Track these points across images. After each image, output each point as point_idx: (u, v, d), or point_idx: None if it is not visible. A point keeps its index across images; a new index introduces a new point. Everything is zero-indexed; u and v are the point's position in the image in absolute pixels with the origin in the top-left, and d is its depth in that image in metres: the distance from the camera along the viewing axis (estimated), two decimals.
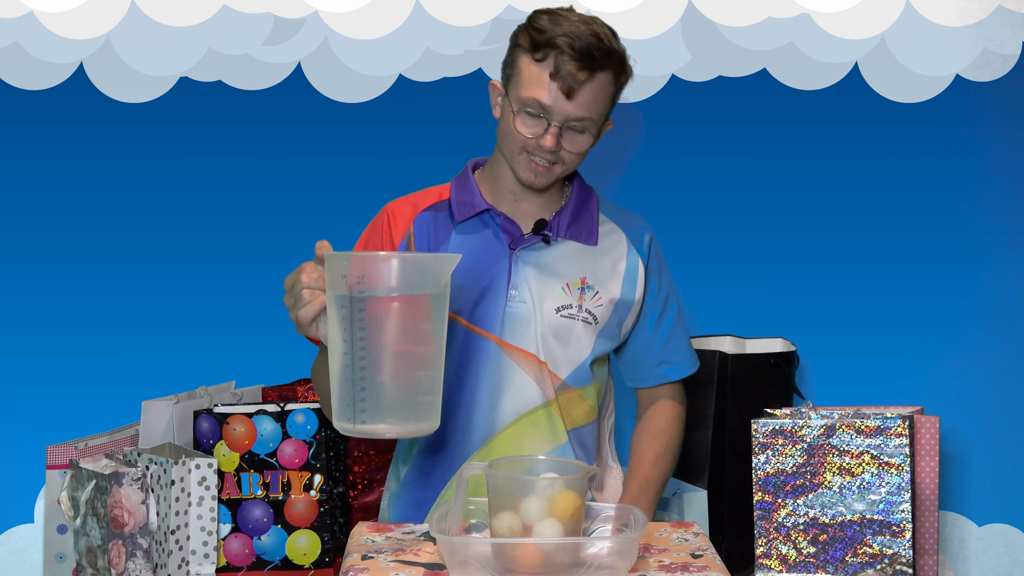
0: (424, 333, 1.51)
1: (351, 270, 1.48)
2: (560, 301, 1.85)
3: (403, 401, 1.50)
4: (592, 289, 1.87)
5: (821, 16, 2.45)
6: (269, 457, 2.03)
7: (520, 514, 1.46)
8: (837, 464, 1.57)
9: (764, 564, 1.58)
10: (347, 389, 1.49)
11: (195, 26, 2.41)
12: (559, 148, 1.79)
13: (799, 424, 1.58)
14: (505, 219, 1.86)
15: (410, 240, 1.87)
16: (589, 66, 1.74)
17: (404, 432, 1.54)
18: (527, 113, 1.77)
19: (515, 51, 1.81)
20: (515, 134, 1.79)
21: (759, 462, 1.59)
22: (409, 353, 1.50)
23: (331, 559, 2.05)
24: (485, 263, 1.85)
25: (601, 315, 1.88)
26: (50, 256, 2.42)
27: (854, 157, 2.48)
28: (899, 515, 1.55)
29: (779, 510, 1.58)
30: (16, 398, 2.40)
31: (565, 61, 1.73)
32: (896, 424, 1.56)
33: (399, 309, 1.49)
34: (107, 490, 1.82)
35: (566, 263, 1.87)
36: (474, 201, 1.88)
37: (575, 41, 1.73)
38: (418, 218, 1.89)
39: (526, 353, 1.84)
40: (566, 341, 1.85)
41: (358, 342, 1.48)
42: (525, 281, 1.85)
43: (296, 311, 1.57)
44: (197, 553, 1.87)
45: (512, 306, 1.84)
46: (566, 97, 1.75)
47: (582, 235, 1.89)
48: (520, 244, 1.86)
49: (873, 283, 2.47)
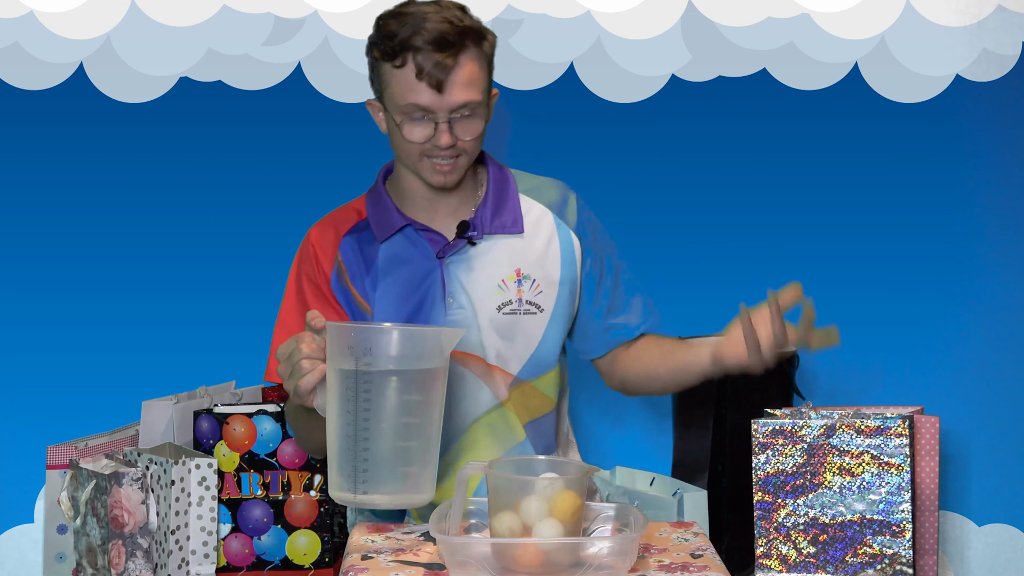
0: (427, 405, 1.53)
1: (358, 342, 1.48)
2: (500, 299, 1.82)
3: (404, 472, 1.52)
4: (529, 279, 1.84)
5: (821, 16, 2.45)
6: (269, 457, 2.03)
7: (520, 514, 1.46)
8: (837, 464, 1.57)
9: (764, 564, 1.58)
10: (348, 460, 1.50)
11: (195, 26, 2.41)
12: (455, 141, 1.75)
13: (799, 424, 1.58)
14: (427, 231, 1.83)
15: (341, 268, 1.84)
16: (449, 49, 1.69)
17: (403, 503, 1.57)
18: (411, 120, 1.74)
19: (375, 65, 1.77)
20: (407, 144, 1.75)
21: (759, 462, 1.59)
22: (412, 425, 1.52)
23: (331, 559, 2.05)
24: (417, 277, 1.82)
25: (545, 302, 1.84)
26: (50, 256, 2.42)
27: (854, 157, 2.48)
28: (899, 515, 1.55)
29: (779, 510, 1.58)
30: (16, 398, 2.40)
31: (424, 57, 1.69)
32: (896, 424, 1.56)
33: (406, 382, 1.50)
34: (107, 490, 1.82)
35: (497, 259, 1.83)
36: (391, 220, 1.83)
37: (426, 34, 1.69)
38: (342, 244, 1.85)
39: (472, 357, 1.82)
40: (512, 337, 1.83)
41: (362, 413, 1.49)
42: (460, 287, 1.81)
43: (295, 381, 1.56)
44: (197, 553, 1.87)
45: (452, 313, 1.81)
46: (438, 92, 1.70)
47: (507, 226, 1.84)
48: (448, 252, 1.82)
49: (873, 283, 2.47)
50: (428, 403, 1.53)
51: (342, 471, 1.51)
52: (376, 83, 1.79)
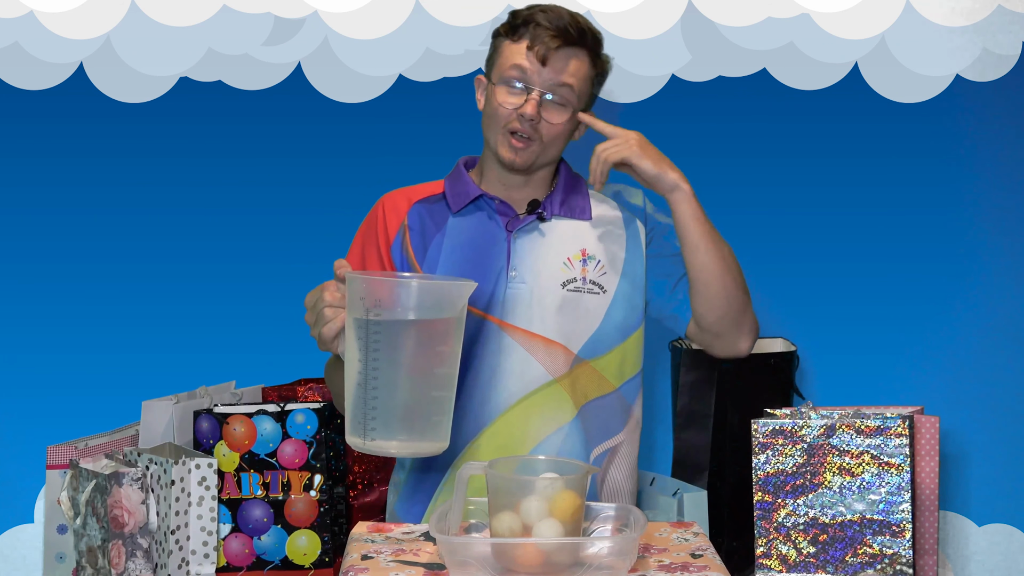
0: (437, 355, 1.53)
1: (368, 293, 1.50)
2: (565, 276, 1.87)
3: (413, 421, 1.53)
4: (594, 259, 1.89)
5: (821, 16, 2.45)
6: (269, 457, 2.03)
7: (520, 514, 1.46)
8: (837, 464, 1.57)
9: (764, 564, 1.58)
10: (359, 406, 1.52)
11: (195, 26, 2.42)
12: (539, 118, 1.82)
13: (799, 424, 1.58)
14: (500, 203, 1.89)
15: (405, 232, 1.90)
16: (564, 37, 1.81)
17: (413, 451, 1.56)
18: (508, 86, 1.82)
19: (495, 42, 1.88)
20: (496, 109, 1.83)
21: (759, 462, 1.59)
22: (421, 374, 1.52)
23: (331, 559, 2.05)
24: (484, 246, 1.87)
25: (608, 284, 1.88)
26: (50, 256, 2.42)
27: (854, 157, 2.48)
28: (899, 515, 1.55)
29: (779, 510, 1.58)
30: (16, 398, 2.40)
31: (541, 32, 1.81)
32: (896, 424, 1.56)
33: (413, 333, 1.51)
34: (107, 490, 1.82)
35: (563, 237, 1.89)
36: (468, 190, 1.91)
37: (552, 18, 1.81)
38: (412, 210, 1.92)
39: (529, 333, 1.84)
40: (575, 315, 1.86)
41: (371, 362, 1.50)
42: (524, 261, 1.86)
43: (318, 328, 1.62)
44: (197, 553, 1.87)
45: (512, 287, 1.85)
46: (542, 64, 1.80)
47: (575, 212, 1.91)
48: (516, 225, 1.88)
49: (873, 283, 2.47)
50: (439, 353, 1.53)
51: (354, 417, 1.53)
52: (489, 59, 1.89)
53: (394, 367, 1.51)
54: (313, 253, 1.96)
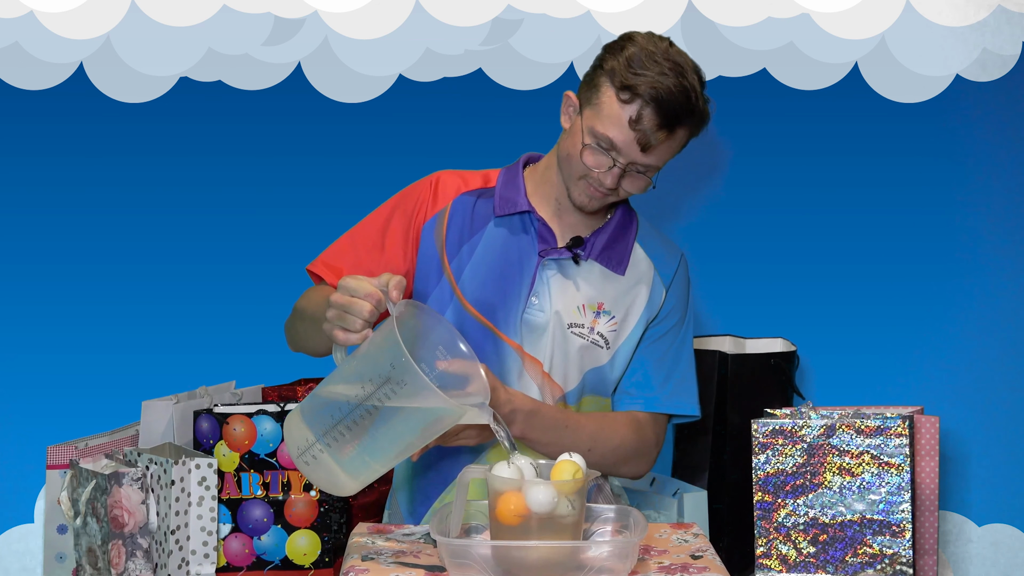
0: (407, 446, 1.53)
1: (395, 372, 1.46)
2: (574, 319, 1.85)
3: (363, 472, 1.53)
4: (608, 314, 1.86)
5: (821, 16, 2.45)
6: (269, 457, 2.03)
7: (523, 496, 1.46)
8: (837, 464, 1.57)
9: (764, 564, 1.58)
10: (335, 416, 1.50)
11: (195, 26, 2.41)
12: (618, 187, 1.79)
13: (799, 424, 1.58)
14: (543, 225, 1.85)
15: (444, 217, 1.86)
16: (670, 124, 1.73)
17: (326, 486, 1.58)
18: (597, 147, 1.76)
19: (601, 75, 1.77)
20: (578, 162, 1.78)
21: (759, 462, 1.59)
22: (382, 451, 1.52)
23: (331, 559, 2.05)
24: (513, 263, 1.85)
25: (613, 340, 1.87)
26: (50, 256, 2.42)
27: (854, 157, 2.48)
28: (899, 515, 1.55)
29: (779, 510, 1.58)
30: (16, 398, 2.40)
31: (648, 114, 1.72)
32: (896, 424, 1.56)
33: (401, 422, 1.49)
34: (107, 490, 1.82)
35: (588, 284, 1.86)
36: (518, 200, 1.87)
37: (662, 94, 1.71)
38: (459, 199, 1.87)
39: (534, 359, 1.84)
40: (571, 358, 1.85)
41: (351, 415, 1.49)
42: (547, 290, 1.84)
43: (334, 327, 1.54)
44: (197, 553, 1.87)
45: (530, 313, 1.84)
46: (641, 150, 1.74)
47: (612, 262, 1.88)
48: (550, 254, 1.85)
49: (873, 283, 2.47)
50: (410, 445, 1.53)
51: (310, 429, 1.53)
52: (589, 89, 1.79)
53: (363, 435, 1.49)
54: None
